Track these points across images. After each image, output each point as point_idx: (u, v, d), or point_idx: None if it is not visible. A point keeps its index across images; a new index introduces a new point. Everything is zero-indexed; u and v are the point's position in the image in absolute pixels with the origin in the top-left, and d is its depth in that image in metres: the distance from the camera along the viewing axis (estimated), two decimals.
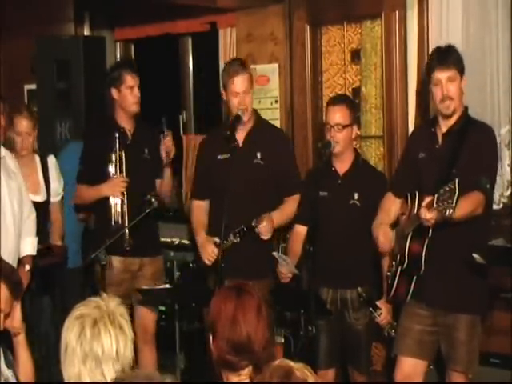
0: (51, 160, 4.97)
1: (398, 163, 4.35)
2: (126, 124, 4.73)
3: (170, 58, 6.52)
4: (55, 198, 4.93)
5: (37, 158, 4.91)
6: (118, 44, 6.77)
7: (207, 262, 4.27)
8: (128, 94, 4.67)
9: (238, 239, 4.15)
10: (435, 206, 3.35)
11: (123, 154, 4.61)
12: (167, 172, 4.74)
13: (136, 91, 4.67)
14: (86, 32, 6.59)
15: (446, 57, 3.75)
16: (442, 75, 3.72)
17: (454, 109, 3.74)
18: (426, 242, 3.67)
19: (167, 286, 4.30)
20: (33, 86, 6.47)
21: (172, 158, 4.69)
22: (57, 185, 4.93)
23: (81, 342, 2.21)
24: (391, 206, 3.99)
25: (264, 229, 4.21)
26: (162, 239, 5.16)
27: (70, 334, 2.24)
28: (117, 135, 4.60)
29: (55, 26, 6.46)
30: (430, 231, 3.63)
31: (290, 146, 4.73)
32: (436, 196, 3.34)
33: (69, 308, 2.37)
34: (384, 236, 3.85)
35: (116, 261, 4.64)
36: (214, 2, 5.46)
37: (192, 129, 6.43)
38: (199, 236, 4.44)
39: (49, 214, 4.90)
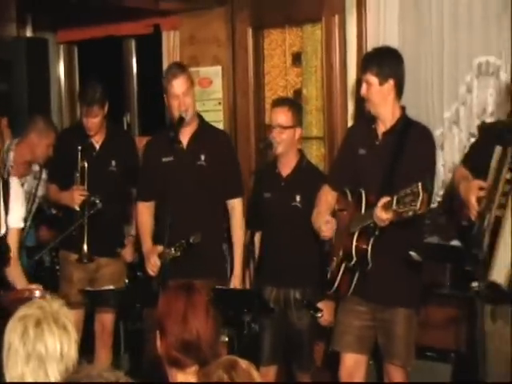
0: (14, 182, 3.98)
1: (335, 157, 4.41)
2: (95, 135, 4.78)
3: (114, 60, 6.51)
4: (16, 225, 3.94)
5: None
6: (62, 46, 6.73)
7: (151, 272, 4.31)
8: (83, 120, 4.73)
9: (179, 253, 4.15)
10: (395, 207, 3.40)
11: (86, 166, 4.66)
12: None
13: (91, 121, 4.66)
14: (29, 33, 6.52)
15: (367, 60, 3.88)
16: (362, 77, 3.85)
17: (370, 108, 3.85)
18: (372, 241, 3.75)
19: (111, 287, 4.33)
20: None
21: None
22: (19, 212, 3.97)
23: (24, 341, 2.19)
24: (328, 197, 4.05)
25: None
26: None
27: (14, 334, 2.22)
28: (80, 148, 4.66)
29: None
30: (377, 231, 3.69)
31: (233, 149, 4.70)
32: (396, 198, 3.39)
33: None
34: (326, 223, 3.92)
35: (71, 257, 4.73)
36: (156, 4, 5.49)
37: (136, 130, 6.45)
38: (145, 245, 4.46)
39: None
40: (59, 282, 4.82)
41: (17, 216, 3.94)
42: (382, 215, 3.53)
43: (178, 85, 4.29)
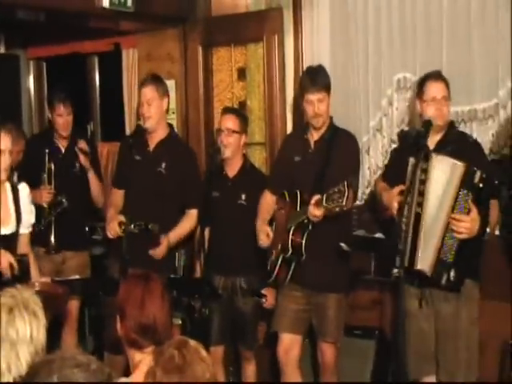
0: (23, 188, 3.82)
1: (273, 164, 4.47)
2: (61, 140, 4.77)
3: (79, 74, 6.44)
4: (26, 230, 3.81)
5: (7, 186, 3.75)
6: (31, 62, 6.61)
7: (109, 235, 4.29)
8: (57, 121, 4.73)
9: (137, 231, 4.17)
10: (325, 204, 3.48)
11: (53, 168, 4.65)
12: (91, 176, 4.80)
13: (65, 119, 4.69)
14: (2, 50, 6.40)
15: (317, 80, 3.91)
16: (313, 97, 3.88)
17: (323, 122, 3.93)
18: (306, 235, 3.81)
19: (77, 277, 4.32)
20: None
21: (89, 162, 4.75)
22: (29, 216, 3.82)
23: None
24: (269, 201, 4.12)
25: (158, 252, 4.19)
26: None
27: None
28: (47, 151, 4.66)
29: None
30: (310, 226, 3.77)
31: (195, 165, 4.47)
32: (325, 196, 3.47)
33: None
34: (267, 236, 4.01)
35: (40, 251, 4.67)
36: (117, 25, 5.44)
37: (99, 137, 6.40)
38: (109, 212, 4.43)
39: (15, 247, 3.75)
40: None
41: (26, 222, 3.79)
42: (315, 211, 3.62)
43: (143, 93, 4.27)
